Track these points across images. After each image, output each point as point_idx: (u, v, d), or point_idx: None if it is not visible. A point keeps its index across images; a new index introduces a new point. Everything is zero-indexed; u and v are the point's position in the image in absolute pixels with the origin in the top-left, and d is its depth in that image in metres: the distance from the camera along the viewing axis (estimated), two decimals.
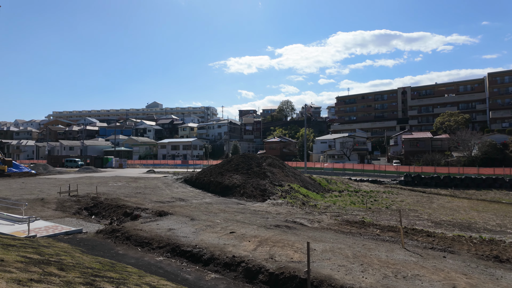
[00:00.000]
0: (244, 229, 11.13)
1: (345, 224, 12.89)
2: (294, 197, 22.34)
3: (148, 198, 20.06)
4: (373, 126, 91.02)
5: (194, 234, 10.38)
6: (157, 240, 9.54)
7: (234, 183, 22.11)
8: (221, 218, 13.69)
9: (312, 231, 11.20)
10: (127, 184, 27.43)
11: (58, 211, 16.64)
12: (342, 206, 22.14)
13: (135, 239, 9.90)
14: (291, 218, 14.00)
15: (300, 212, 16.02)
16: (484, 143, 46.85)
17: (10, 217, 13.01)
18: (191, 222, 12.41)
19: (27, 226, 11.28)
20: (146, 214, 14.49)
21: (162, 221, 12.64)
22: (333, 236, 10.32)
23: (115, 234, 10.72)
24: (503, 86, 74.98)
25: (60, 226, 12.17)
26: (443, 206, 24.01)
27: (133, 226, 11.55)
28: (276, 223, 12.65)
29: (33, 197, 19.60)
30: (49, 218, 14.34)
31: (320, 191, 28.73)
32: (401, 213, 20.52)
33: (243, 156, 29.15)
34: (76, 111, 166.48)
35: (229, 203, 18.65)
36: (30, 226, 11.37)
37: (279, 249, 8.31)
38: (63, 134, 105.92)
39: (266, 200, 19.93)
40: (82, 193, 21.45)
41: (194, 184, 26.50)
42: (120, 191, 22.87)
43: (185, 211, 15.28)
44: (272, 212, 15.66)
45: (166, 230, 10.81)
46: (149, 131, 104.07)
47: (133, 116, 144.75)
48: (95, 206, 18.15)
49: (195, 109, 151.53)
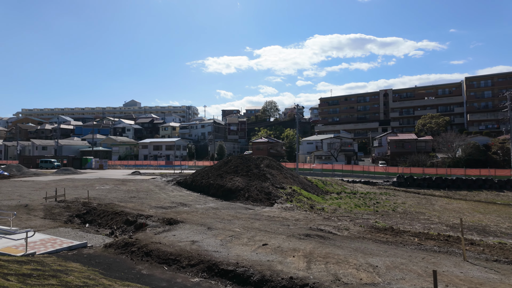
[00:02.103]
0: (274, 240, 10.00)
1: (375, 231, 12.05)
2: (299, 200, 21.41)
3: (146, 203, 18.43)
4: (356, 127, 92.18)
5: (223, 247, 9.13)
6: (186, 256, 8.21)
7: (238, 186, 20.87)
8: (238, 226, 12.46)
9: (348, 241, 10.24)
10: (116, 187, 25.45)
11: (47, 219, 14.76)
12: (349, 209, 21.46)
13: (158, 255, 8.52)
14: (314, 225, 13.00)
15: (317, 218, 15.06)
16: (468, 145, 48.11)
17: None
18: (210, 232, 11.12)
19: (18, 240, 9.59)
20: (153, 223, 13.00)
21: (176, 231, 11.25)
22: (378, 247, 9.40)
23: (130, 248, 9.26)
24: (479, 90, 78.01)
25: (59, 239, 10.50)
26: (445, 208, 23.90)
27: (148, 238, 10.11)
28: (303, 231, 11.60)
29: (13, 203, 17.47)
30: (40, 229, 12.54)
31: (319, 193, 28.01)
32: (411, 216, 20.10)
33: (240, 157, 27.93)
34: (47, 109, 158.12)
35: (236, 208, 17.41)
36: (19, 238, 9.65)
37: (335, 266, 7.25)
38: (35, 133, 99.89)
39: (273, 204, 18.85)
40: (69, 197, 19.48)
41: (190, 187, 24.97)
42: (111, 195, 21.02)
43: (194, 218, 13.92)
44: (289, 218, 14.59)
45: (190, 243, 9.47)
46: (128, 130, 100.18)
47: (110, 114, 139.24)
48: (88, 213, 16.35)
49: (176, 108, 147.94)
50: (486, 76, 78.82)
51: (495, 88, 76.10)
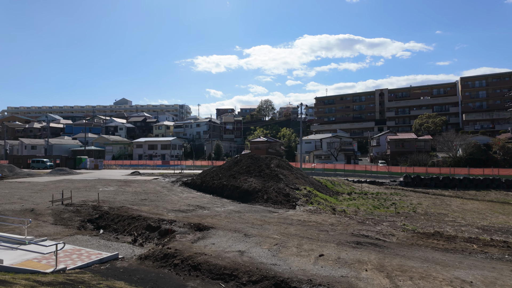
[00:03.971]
0: (326, 249, 9.09)
1: (423, 237, 11.26)
2: (318, 202, 20.57)
3: (160, 206, 17.27)
4: (352, 126, 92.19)
5: (277, 258, 8.16)
6: (243, 270, 7.21)
7: (255, 188, 19.88)
8: (274, 232, 11.51)
9: (406, 249, 9.40)
10: (121, 189, 24.13)
11: (58, 225, 13.50)
12: (369, 211, 20.75)
13: (208, 268, 7.49)
14: (353, 230, 12.14)
15: (350, 222, 14.22)
16: (469, 144, 48.22)
17: (7, 238, 9.87)
18: (250, 240, 10.13)
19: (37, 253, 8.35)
20: (179, 229, 11.91)
21: (212, 239, 10.22)
22: (444, 256, 8.58)
23: (171, 261, 8.20)
24: (474, 90, 78.88)
25: (84, 249, 9.33)
26: (463, 208, 23.45)
27: (187, 247, 9.05)
28: (348, 238, 10.73)
29: (17, 207, 16.09)
30: (55, 237, 11.33)
31: (331, 193, 27.27)
32: (435, 218, 19.50)
33: (250, 157, 26.93)
34: (35, 107, 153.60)
35: (259, 211, 16.43)
36: (40, 250, 8.43)
37: (424, 282, 6.38)
38: (23, 132, 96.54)
39: (294, 206, 17.94)
40: (75, 200, 18.14)
41: (200, 188, 23.85)
42: (120, 198, 19.75)
43: (222, 223, 12.89)
44: (321, 222, 13.70)
45: (238, 254, 8.47)
46: (120, 129, 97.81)
47: (100, 113, 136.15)
48: (101, 217, 15.13)
49: (168, 107, 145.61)
50: (480, 76, 79.74)
51: (490, 88, 77.08)
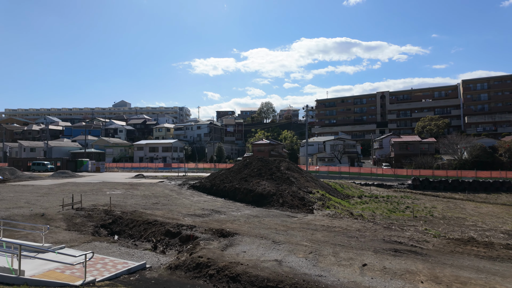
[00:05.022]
0: (366, 258, 8.57)
1: (460, 243, 10.76)
2: (334, 206, 20.07)
3: (174, 210, 16.69)
4: (353, 129, 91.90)
5: (319, 268, 7.62)
6: (289, 282, 6.67)
7: (269, 191, 19.33)
8: (302, 238, 10.97)
9: (449, 256, 8.89)
10: (129, 192, 23.51)
11: (72, 231, 12.88)
12: (386, 215, 20.26)
13: (249, 280, 6.94)
14: (383, 236, 11.63)
15: (376, 227, 13.70)
16: (474, 146, 47.96)
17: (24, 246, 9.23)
18: (280, 247, 9.59)
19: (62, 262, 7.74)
20: (202, 235, 11.35)
21: (240, 246, 9.67)
22: (493, 265, 8.09)
23: (206, 271, 7.64)
24: (476, 93, 78.88)
25: (108, 258, 8.74)
26: (479, 212, 23.02)
27: (218, 256, 8.48)
28: (382, 245, 10.22)
29: (26, 212, 15.44)
30: (72, 244, 10.73)
31: (342, 197, 26.76)
32: (455, 222, 19.03)
33: (260, 159, 26.39)
34: (33, 109, 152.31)
35: (277, 215, 15.88)
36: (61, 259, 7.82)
37: None
38: (21, 134, 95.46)
39: (312, 211, 17.40)
40: (85, 204, 17.51)
41: (210, 192, 23.28)
42: (130, 202, 19.14)
43: (244, 229, 12.34)
44: (345, 227, 13.17)
45: (275, 263, 7.92)
46: (120, 131, 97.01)
47: (99, 115, 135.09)
48: (114, 222, 14.54)
49: (168, 109, 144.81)
50: (482, 79, 79.77)
51: (491, 91, 77.10)
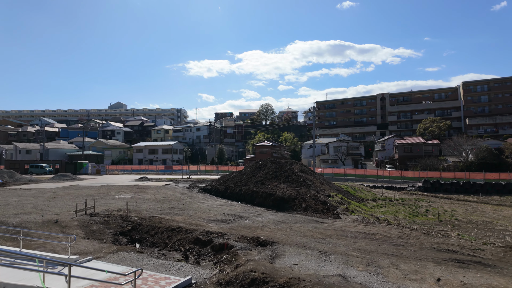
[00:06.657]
0: (430, 270, 7.78)
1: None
2: (356, 210, 19.29)
3: (194, 215, 15.76)
4: (353, 131, 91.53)
5: (391, 285, 6.79)
6: None
7: (290, 195, 18.47)
8: (346, 248, 10.15)
9: None
10: (139, 196, 22.49)
11: (91, 239, 11.89)
12: (409, 219, 19.54)
13: None
14: (433, 244, 10.85)
15: (416, 234, 12.92)
16: (480, 148, 47.68)
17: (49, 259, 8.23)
18: (332, 258, 8.74)
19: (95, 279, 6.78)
20: (237, 243, 10.46)
21: (287, 257, 8.79)
22: None
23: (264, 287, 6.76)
24: (476, 95, 79.08)
25: (146, 273, 7.78)
26: (502, 215, 22.41)
27: (273, 270, 7.60)
28: (438, 255, 9.44)
29: (36, 218, 14.38)
30: (97, 255, 9.78)
31: (358, 200, 26.02)
32: (484, 226, 18.36)
33: (273, 161, 25.55)
34: (27, 111, 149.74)
35: (304, 221, 15.04)
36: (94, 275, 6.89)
37: None
38: (16, 136, 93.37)
39: (338, 215, 16.58)
40: (97, 209, 16.49)
41: (224, 195, 22.37)
42: (144, 206, 18.15)
43: (279, 237, 11.47)
44: (385, 234, 12.38)
45: (342, 279, 7.07)
46: (118, 133, 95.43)
47: (95, 117, 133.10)
48: (134, 229, 13.58)
49: (165, 111, 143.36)
50: (482, 81, 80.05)
51: (492, 93, 77.35)
